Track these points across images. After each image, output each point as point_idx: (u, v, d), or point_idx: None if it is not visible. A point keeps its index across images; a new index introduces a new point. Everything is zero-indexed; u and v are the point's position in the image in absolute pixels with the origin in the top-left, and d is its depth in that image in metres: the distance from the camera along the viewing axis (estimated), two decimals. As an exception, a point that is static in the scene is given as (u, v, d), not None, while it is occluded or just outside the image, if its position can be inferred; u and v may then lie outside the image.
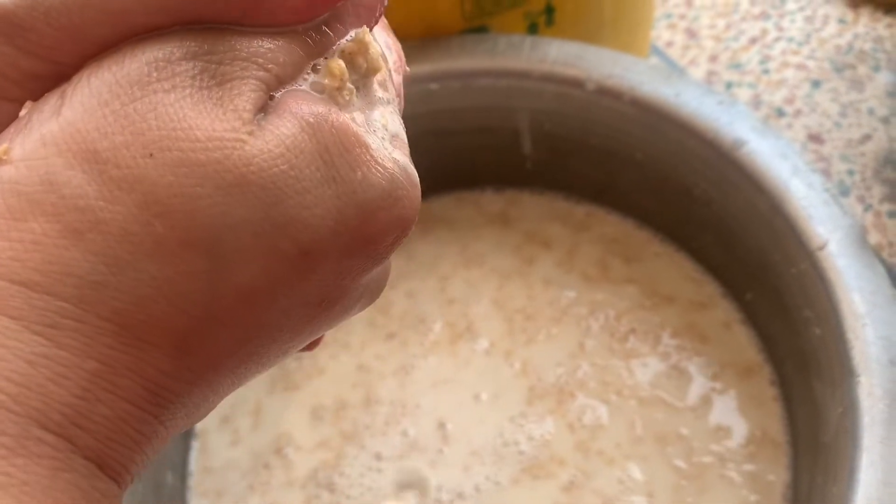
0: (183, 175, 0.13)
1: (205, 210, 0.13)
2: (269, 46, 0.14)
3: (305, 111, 0.14)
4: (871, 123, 0.47)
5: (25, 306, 0.12)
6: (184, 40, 0.13)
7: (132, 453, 0.13)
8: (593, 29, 0.40)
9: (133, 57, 0.13)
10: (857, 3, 0.51)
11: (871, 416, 0.27)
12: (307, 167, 0.13)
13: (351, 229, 0.14)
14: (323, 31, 0.15)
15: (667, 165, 0.36)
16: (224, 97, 0.13)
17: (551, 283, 0.40)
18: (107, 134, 0.13)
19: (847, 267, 0.30)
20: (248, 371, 0.15)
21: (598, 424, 0.36)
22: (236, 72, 0.13)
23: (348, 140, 0.14)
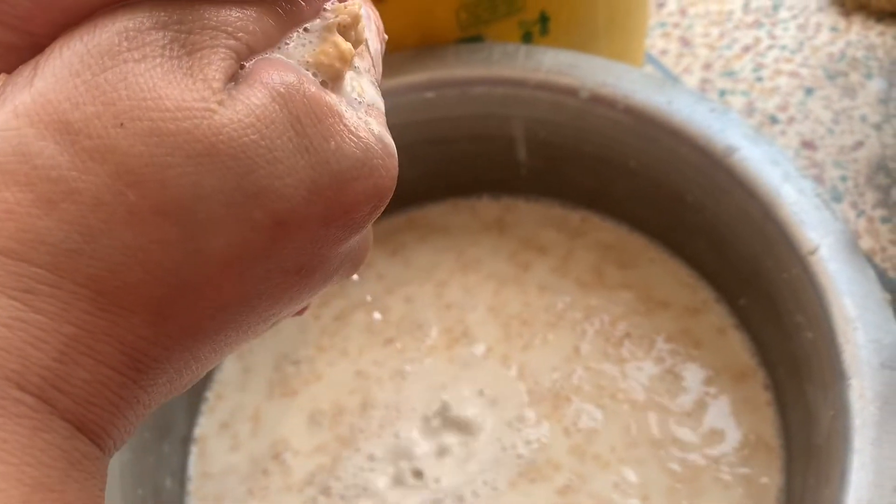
0: (153, 145, 0.13)
1: (175, 179, 0.13)
2: (238, 15, 0.14)
3: (277, 81, 0.14)
4: (863, 130, 0.47)
5: (1, 272, 0.12)
6: (154, 10, 0.13)
7: (112, 417, 0.13)
8: (587, 38, 0.40)
9: (104, 27, 0.13)
10: (849, 12, 0.52)
11: (862, 419, 0.27)
12: (279, 137, 0.13)
13: (325, 199, 0.14)
14: (295, 1, 0.15)
15: (660, 172, 0.37)
16: (194, 66, 0.13)
17: (547, 289, 0.40)
18: (78, 104, 0.13)
19: (838, 272, 0.30)
20: (229, 339, 0.15)
21: (594, 428, 0.36)
22: (206, 41, 0.13)
23: (321, 110, 0.14)
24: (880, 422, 0.27)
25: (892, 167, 0.46)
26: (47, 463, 0.12)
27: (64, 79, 0.13)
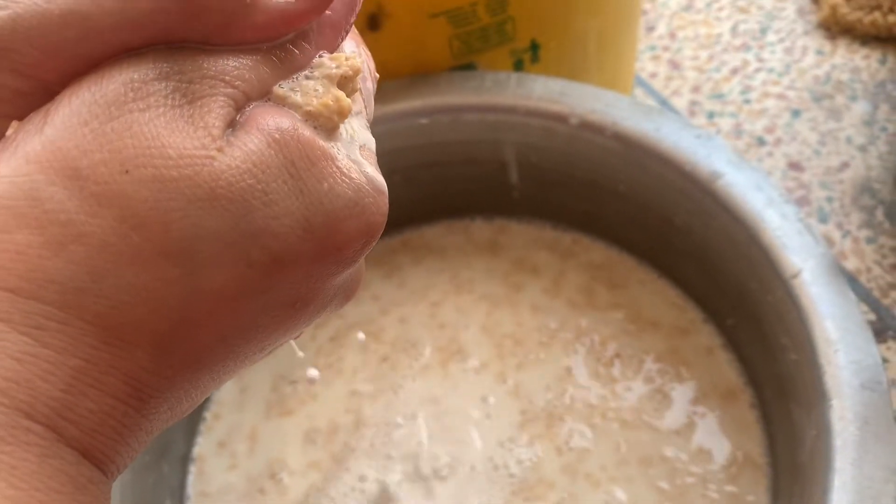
0: (157, 190, 0.14)
1: (178, 222, 0.14)
2: (235, 64, 0.15)
3: (272, 126, 0.15)
4: (849, 151, 0.48)
5: (12, 310, 0.13)
6: (157, 61, 0.14)
7: (117, 444, 0.14)
8: (578, 64, 0.41)
9: (110, 78, 0.14)
10: (835, 35, 0.53)
11: (842, 439, 0.28)
12: (274, 181, 0.14)
13: (319, 237, 0.15)
14: (289, 50, 0.16)
15: (648, 196, 0.38)
16: (195, 114, 0.14)
17: (539, 309, 0.41)
18: (86, 152, 0.14)
19: (820, 295, 0.31)
20: (228, 367, 0.16)
21: (585, 447, 0.37)
22: (205, 90, 0.14)
23: (314, 154, 0.15)
24: (860, 442, 0.28)
25: (876, 188, 0.47)
26: (55, 488, 0.13)
27: (73, 127, 0.14)
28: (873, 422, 0.28)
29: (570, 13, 0.39)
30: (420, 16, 0.36)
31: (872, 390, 0.29)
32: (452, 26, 0.36)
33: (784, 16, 0.55)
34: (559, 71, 0.40)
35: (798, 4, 0.55)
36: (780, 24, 0.54)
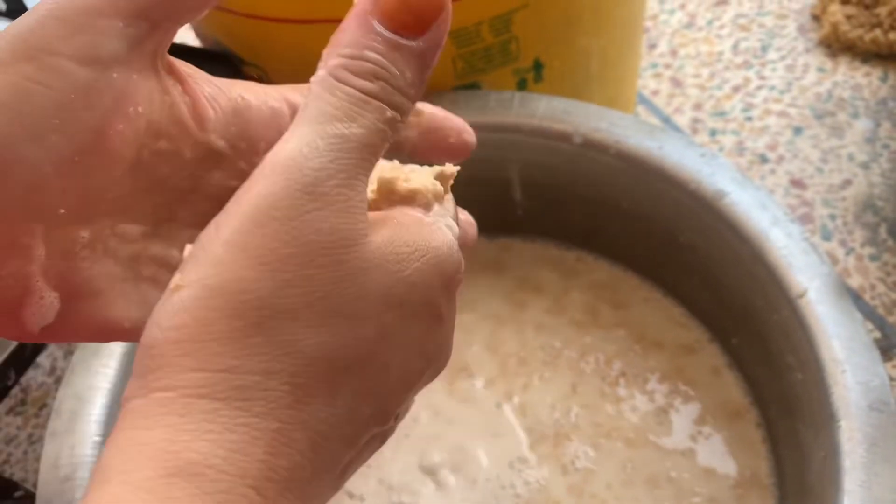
0: (334, 270, 0.16)
1: (347, 291, 0.17)
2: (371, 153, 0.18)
3: (391, 214, 0.18)
4: (851, 169, 0.48)
5: (227, 388, 0.15)
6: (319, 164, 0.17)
7: (294, 499, 0.16)
8: (581, 83, 0.41)
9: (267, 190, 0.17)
10: (836, 53, 0.53)
11: (851, 461, 0.28)
12: (401, 247, 0.18)
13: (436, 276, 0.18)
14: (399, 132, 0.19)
15: (652, 214, 0.38)
16: (353, 209, 0.17)
17: (543, 328, 0.41)
18: (273, 249, 0.16)
19: (826, 314, 0.31)
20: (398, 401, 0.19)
21: (591, 467, 0.36)
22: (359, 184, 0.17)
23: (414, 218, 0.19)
24: (869, 464, 0.28)
25: (879, 205, 0.47)
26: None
27: (253, 229, 0.16)
28: (882, 443, 0.28)
29: (573, 33, 0.39)
30: (424, 36, 0.36)
31: (881, 411, 0.29)
32: (456, 46, 0.37)
33: (785, 33, 0.55)
34: (562, 90, 0.40)
35: (799, 22, 0.55)
36: (781, 41, 0.55)
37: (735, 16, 0.56)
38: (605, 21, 0.39)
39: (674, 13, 0.57)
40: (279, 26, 0.37)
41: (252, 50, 0.40)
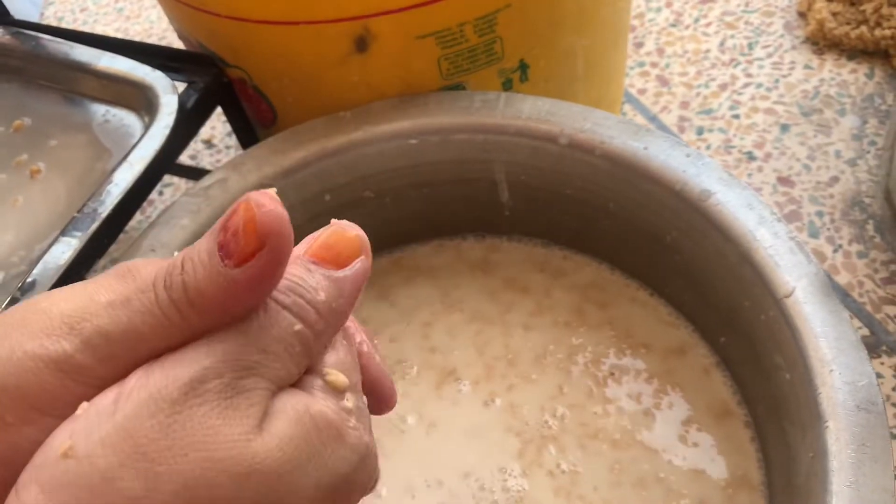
0: (207, 469, 0.17)
1: (222, 494, 0.17)
2: (278, 366, 0.19)
3: (294, 409, 0.18)
4: (838, 166, 0.48)
5: None
6: (213, 358, 0.18)
7: None
8: (567, 83, 0.41)
9: (174, 378, 0.18)
10: (822, 50, 0.53)
11: (839, 461, 0.28)
12: (295, 452, 0.18)
13: (331, 495, 0.19)
14: (311, 348, 0.20)
15: (639, 215, 0.38)
16: (241, 406, 0.18)
17: (530, 329, 0.41)
18: (154, 440, 0.17)
19: (813, 314, 0.31)
20: None
21: (578, 469, 0.36)
22: (250, 385, 0.18)
23: (329, 427, 0.19)
24: (857, 464, 0.28)
25: (867, 202, 0.47)
26: None
27: (141, 418, 0.17)
28: (870, 443, 0.28)
29: (557, 32, 0.38)
30: (408, 37, 0.36)
31: (868, 411, 0.29)
32: (440, 47, 0.36)
33: (772, 31, 0.55)
34: (548, 90, 0.40)
35: (785, 19, 0.55)
36: (767, 39, 0.54)
37: (721, 13, 0.56)
38: (590, 20, 0.39)
39: (660, 11, 0.57)
40: (261, 28, 0.36)
41: (235, 52, 0.40)
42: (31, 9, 0.69)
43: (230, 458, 0.17)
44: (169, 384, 0.18)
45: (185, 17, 0.39)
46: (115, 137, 0.41)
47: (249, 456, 0.17)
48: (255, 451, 0.17)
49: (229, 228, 0.18)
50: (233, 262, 0.18)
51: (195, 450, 0.17)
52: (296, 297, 0.19)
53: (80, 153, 0.41)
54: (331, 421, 0.19)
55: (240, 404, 0.18)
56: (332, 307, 0.20)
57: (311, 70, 0.38)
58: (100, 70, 0.42)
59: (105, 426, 0.17)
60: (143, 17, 0.68)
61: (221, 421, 0.17)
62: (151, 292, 0.18)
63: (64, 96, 0.44)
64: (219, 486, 0.17)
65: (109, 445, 0.17)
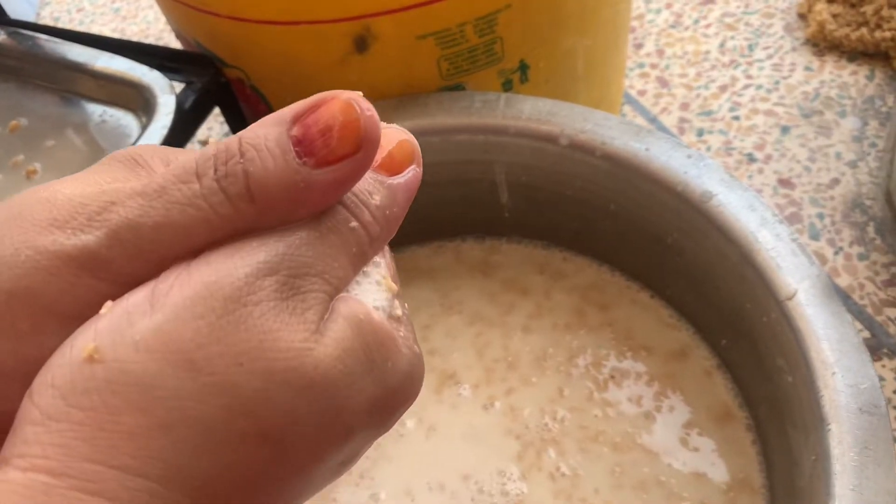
0: (267, 381, 0.15)
1: (280, 408, 0.15)
2: (335, 265, 0.17)
3: (352, 314, 0.17)
4: (839, 168, 0.48)
5: (121, 488, 0.14)
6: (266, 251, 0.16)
7: None
8: (567, 83, 0.41)
9: (225, 272, 0.15)
10: (822, 51, 0.53)
11: (842, 464, 0.28)
12: (354, 363, 0.16)
13: (381, 409, 0.17)
14: (366, 252, 0.18)
15: (639, 216, 0.37)
16: (297, 308, 0.16)
17: (530, 331, 0.40)
18: (202, 345, 0.15)
19: (815, 316, 0.31)
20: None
21: (578, 472, 0.36)
22: (307, 285, 0.16)
23: (383, 335, 0.17)
24: (859, 467, 0.27)
25: (867, 204, 0.47)
26: None
27: (186, 319, 0.15)
28: (873, 446, 0.28)
29: (558, 33, 0.38)
30: (408, 38, 0.36)
31: (871, 414, 0.28)
32: (440, 48, 0.36)
33: (772, 32, 0.55)
34: (548, 90, 0.40)
35: (785, 21, 0.55)
36: (767, 40, 0.54)
37: (721, 14, 0.56)
38: (590, 21, 0.39)
39: (660, 12, 0.57)
40: (261, 28, 0.36)
41: (234, 52, 0.39)
42: (28, 9, 0.69)
43: (292, 370, 0.15)
44: (219, 279, 0.15)
45: (184, 17, 0.39)
46: (112, 138, 0.41)
47: (311, 366, 0.15)
48: (316, 361, 0.15)
49: (314, 125, 0.16)
50: (314, 161, 0.16)
51: (252, 358, 0.15)
52: (351, 195, 0.17)
53: (76, 154, 0.41)
54: (388, 330, 0.17)
55: (297, 307, 0.16)
56: (386, 214, 0.18)
57: (310, 70, 0.38)
58: (97, 70, 0.42)
59: (139, 327, 0.15)
60: (140, 17, 0.67)
61: (280, 325, 0.15)
62: (195, 182, 0.16)
63: (61, 96, 0.44)
64: (277, 400, 0.15)
65: (145, 350, 0.14)
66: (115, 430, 0.14)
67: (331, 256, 0.17)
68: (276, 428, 0.15)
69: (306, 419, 0.15)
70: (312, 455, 0.16)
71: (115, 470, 0.14)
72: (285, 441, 0.15)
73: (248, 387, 0.15)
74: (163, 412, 0.14)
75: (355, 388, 0.16)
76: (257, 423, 0.15)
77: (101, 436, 0.14)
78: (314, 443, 0.16)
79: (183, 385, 0.14)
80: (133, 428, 0.14)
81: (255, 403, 0.15)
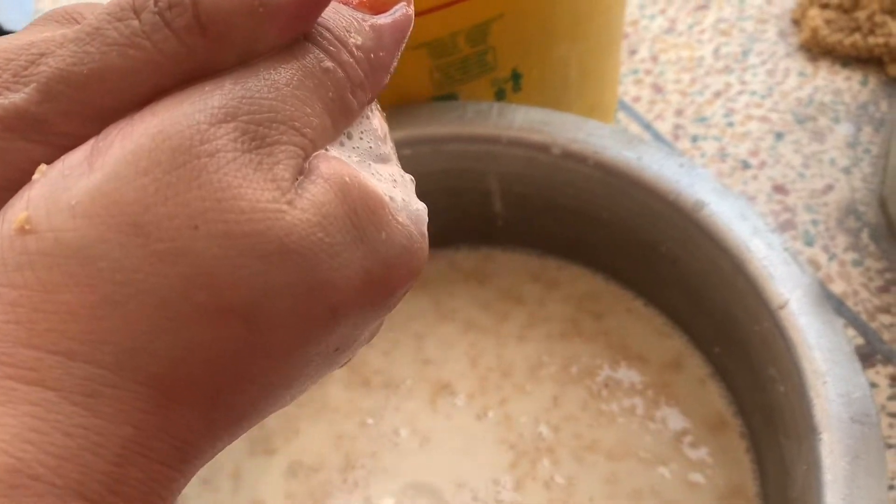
0: (228, 247, 0.13)
1: (247, 279, 0.13)
2: (308, 111, 0.14)
3: (335, 175, 0.14)
4: (833, 174, 0.48)
5: (65, 376, 0.12)
6: (221, 96, 0.13)
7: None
8: (560, 92, 0.41)
9: (171, 119, 0.13)
10: (816, 57, 0.53)
11: (833, 474, 0.28)
12: (338, 231, 0.14)
13: (375, 286, 0.15)
14: (349, 100, 0.15)
15: (632, 225, 0.37)
16: (263, 162, 0.13)
17: (525, 340, 0.41)
18: (148, 206, 0.13)
19: (807, 325, 0.31)
20: (265, 415, 0.15)
21: (573, 481, 0.36)
22: (275, 135, 0.14)
23: (374, 202, 0.15)
24: (851, 477, 0.28)
25: (861, 210, 0.47)
26: None
27: (129, 178, 0.13)
28: (864, 455, 0.28)
29: (550, 42, 0.38)
30: (400, 47, 0.36)
31: (862, 423, 0.28)
32: (432, 58, 0.36)
33: (765, 38, 0.55)
34: (541, 99, 0.40)
35: (779, 27, 0.55)
36: (761, 46, 0.54)
37: (716, 20, 0.56)
38: (582, 30, 0.39)
39: (654, 18, 0.57)
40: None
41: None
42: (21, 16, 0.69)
43: (258, 235, 0.13)
44: (166, 128, 0.13)
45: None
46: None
47: (283, 232, 0.13)
48: (289, 227, 0.13)
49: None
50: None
51: (208, 220, 0.13)
52: (322, 29, 0.15)
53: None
54: (380, 196, 0.15)
55: (262, 161, 0.13)
56: (370, 58, 0.15)
57: (302, 81, 0.38)
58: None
59: (76, 190, 0.13)
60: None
61: (241, 181, 0.13)
62: (134, 18, 0.13)
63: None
64: (242, 270, 0.13)
65: (83, 215, 0.12)
66: (55, 310, 0.12)
67: (301, 101, 0.14)
68: (243, 302, 0.13)
69: (281, 293, 0.13)
70: (295, 337, 0.14)
71: (57, 356, 0.12)
72: (258, 318, 0.13)
73: (205, 254, 0.13)
74: (108, 287, 0.12)
75: (340, 260, 0.14)
76: (220, 297, 0.13)
77: (39, 317, 0.12)
78: (294, 322, 0.14)
79: (130, 254, 0.12)
80: (75, 307, 0.12)
81: (216, 273, 0.13)
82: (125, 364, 0.12)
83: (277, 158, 0.13)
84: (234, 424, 0.14)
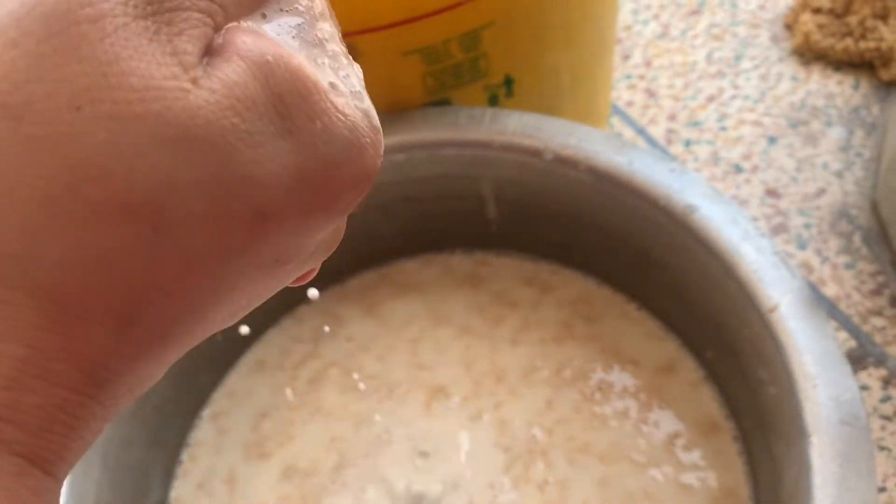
0: (118, 132, 0.11)
1: (145, 171, 0.11)
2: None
3: (255, 52, 0.12)
4: (825, 178, 0.49)
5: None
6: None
7: (67, 441, 0.12)
8: (553, 97, 0.41)
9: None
10: (808, 62, 0.53)
11: (822, 477, 0.28)
12: (260, 119, 0.12)
13: (310, 187, 0.13)
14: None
15: (625, 229, 0.38)
16: (161, 32, 0.11)
17: (518, 343, 0.41)
18: (19, 84, 0.11)
19: (797, 329, 0.31)
20: (196, 336, 0.13)
21: (567, 484, 0.36)
22: (176, 2, 0.11)
23: (305, 85, 0.12)
24: (840, 479, 0.28)
25: (854, 214, 0.47)
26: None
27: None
28: (853, 458, 0.28)
29: (543, 47, 0.39)
30: (393, 53, 0.36)
31: (852, 426, 0.29)
32: (426, 63, 0.36)
33: (758, 43, 0.55)
34: (534, 104, 0.40)
35: (771, 32, 0.55)
36: (754, 51, 0.55)
37: (708, 25, 0.57)
38: (575, 36, 0.39)
39: (647, 24, 0.57)
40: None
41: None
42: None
43: (153, 116, 0.11)
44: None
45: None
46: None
47: (185, 115, 0.11)
48: (194, 108, 0.11)
49: None
50: None
51: (93, 99, 0.11)
52: None
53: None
54: (314, 80, 0.12)
55: (159, 30, 0.11)
56: None
57: (297, 87, 0.38)
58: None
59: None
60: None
61: (132, 52, 0.11)
62: None
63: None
64: (139, 158, 0.11)
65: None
66: None
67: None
68: (144, 198, 0.11)
69: (190, 188, 0.11)
70: (212, 242, 0.12)
71: None
72: (164, 217, 0.11)
73: (92, 140, 0.11)
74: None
75: (263, 152, 0.12)
76: (115, 191, 0.11)
77: None
78: (210, 224, 0.12)
79: (0, 141, 0.10)
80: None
81: (107, 164, 0.11)
82: (7, 274, 0.11)
83: (179, 28, 0.11)
84: (157, 344, 0.12)
